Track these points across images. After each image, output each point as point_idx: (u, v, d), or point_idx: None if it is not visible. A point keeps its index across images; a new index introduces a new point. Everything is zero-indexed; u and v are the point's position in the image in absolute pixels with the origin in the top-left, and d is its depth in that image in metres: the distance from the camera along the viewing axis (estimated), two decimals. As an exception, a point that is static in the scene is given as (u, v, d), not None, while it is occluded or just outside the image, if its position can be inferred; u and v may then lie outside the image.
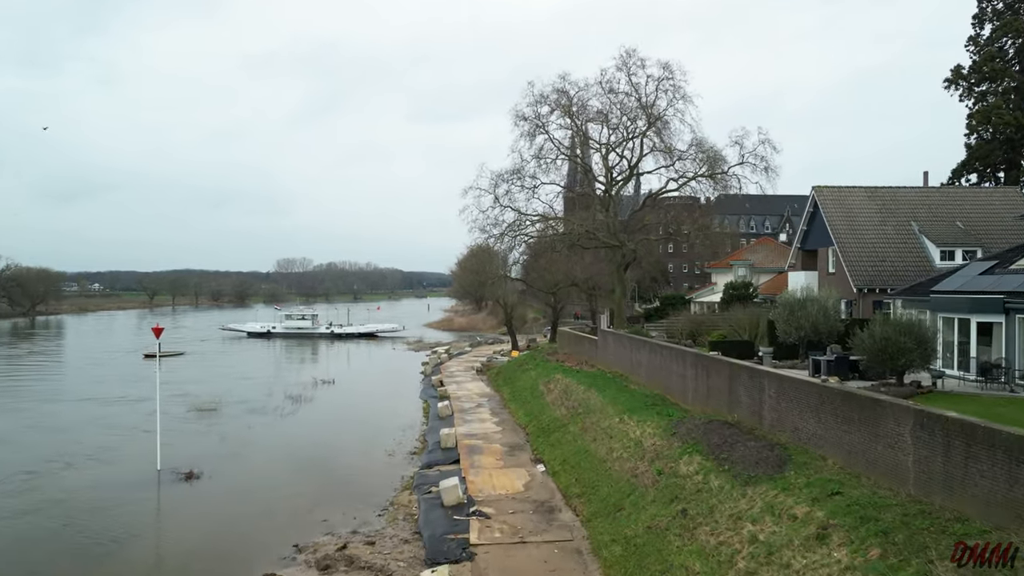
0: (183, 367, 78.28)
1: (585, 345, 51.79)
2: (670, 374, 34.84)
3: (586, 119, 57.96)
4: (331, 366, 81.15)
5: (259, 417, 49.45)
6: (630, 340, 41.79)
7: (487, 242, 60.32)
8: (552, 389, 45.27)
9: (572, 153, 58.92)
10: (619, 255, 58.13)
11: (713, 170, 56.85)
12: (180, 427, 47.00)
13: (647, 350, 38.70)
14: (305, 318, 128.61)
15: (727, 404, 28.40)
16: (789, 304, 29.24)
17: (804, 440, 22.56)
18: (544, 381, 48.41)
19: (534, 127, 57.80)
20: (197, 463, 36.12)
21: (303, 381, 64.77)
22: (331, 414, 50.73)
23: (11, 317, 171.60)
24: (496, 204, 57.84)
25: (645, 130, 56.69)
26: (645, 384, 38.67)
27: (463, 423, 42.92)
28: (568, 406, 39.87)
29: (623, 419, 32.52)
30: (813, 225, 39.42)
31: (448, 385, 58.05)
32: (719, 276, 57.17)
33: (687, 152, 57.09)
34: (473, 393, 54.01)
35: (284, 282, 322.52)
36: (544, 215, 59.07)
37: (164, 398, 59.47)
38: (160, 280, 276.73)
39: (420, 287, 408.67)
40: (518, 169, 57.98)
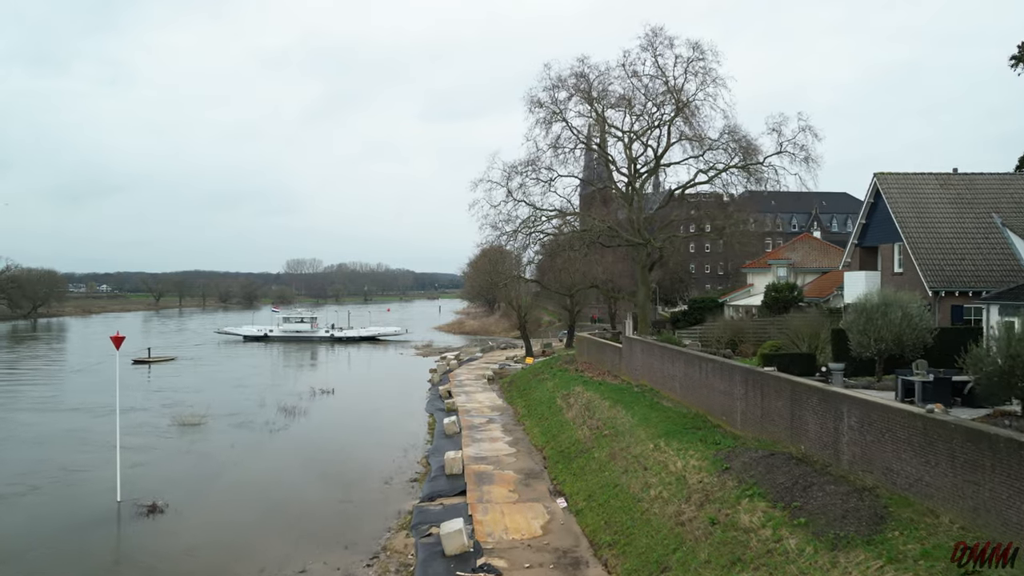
0: (173, 373, 73.92)
1: (608, 353, 46.79)
2: (712, 391, 29.81)
3: (607, 105, 53.04)
4: (331, 373, 76.32)
5: (246, 433, 44.69)
6: (661, 349, 36.77)
7: (499, 240, 55.43)
8: (572, 404, 40.27)
9: (592, 143, 53.92)
10: (643, 254, 53.12)
11: (747, 161, 51.82)
12: (158, 444, 42.76)
13: (683, 362, 33.67)
14: (303, 321, 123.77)
15: (788, 432, 23.41)
16: (866, 310, 24.11)
17: (903, 487, 17.53)
18: (562, 394, 43.43)
19: (550, 114, 52.96)
20: (166, 491, 31.56)
21: (299, 390, 60.00)
22: (326, 430, 45.89)
23: (11, 319, 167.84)
24: (509, 198, 53.00)
25: (672, 117, 51.71)
26: (680, 400, 33.69)
27: (472, 443, 37.98)
28: (591, 426, 34.85)
29: (659, 445, 27.50)
30: (874, 218, 34.35)
31: (457, 396, 53.14)
32: (756, 277, 52.09)
33: (719, 141, 52.09)
34: (484, 406, 49.07)
35: (294, 283, 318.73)
36: (561, 210, 54.13)
37: (148, 408, 55.62)
38: (166, 281, 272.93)
39: (432, 288, 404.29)
40: (533, 160, 53.11)
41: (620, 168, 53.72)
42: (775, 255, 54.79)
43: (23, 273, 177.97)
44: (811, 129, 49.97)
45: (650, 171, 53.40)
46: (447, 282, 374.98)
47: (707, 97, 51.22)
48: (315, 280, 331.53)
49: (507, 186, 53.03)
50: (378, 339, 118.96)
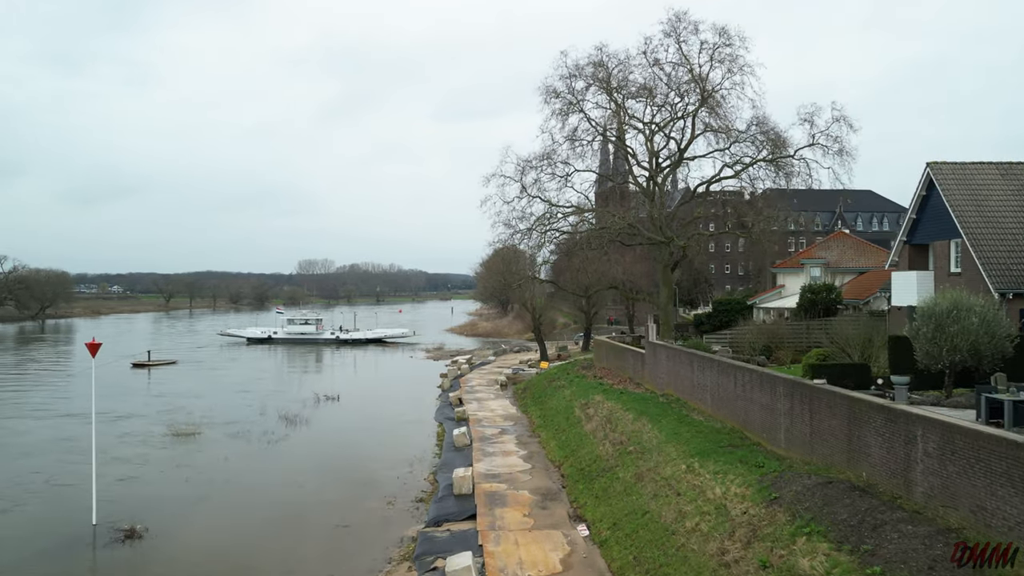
0: (173, 377, 71.35)
1: (628, 359, 43.73)
2: (751, 404, 26.73)
3: (627, 96, 49.92)
4: (336, 378, 73.48)
5: (242, 444, 41.87)
6: (690, 357, 33.69)
7: (512, 239, 52.37)
8: (592, 415, 37.22)
9: (610, 135, 50.84)
10: (665, 253, 49.97)
11: (776, 154, 48.63)
12: (148, 455, 40.16)
13: (715, 370, 30.60)
14: (308, 323, 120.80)
15: (845, 455, 20.36)
16: (934, 315, 20.92)
17: (1001, 529, 14.49)
18: (581, 403, 40.39)
19: (567, 104, 49.87)
20: (148, 512, 28.89)
21: (302, 396, 57.14)
22: (328, 441, 43.01)
23: (19, 321, 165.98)
24: (523, 194, 49.96)
25: (697, 107, 48.55)
26: (712, 414, 30.64)
27: (483, 457, 35.00)
28: (614, 440, 31.80)
29: (693, 466, 24.44)
30: (925, 213, 31.11)
31: (468, 404, 50.16)
32: (787, 277, 48.87)
33: (746, 133, 48.92)
34: (496, 415, 46.08)
35: (305, 284, 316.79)
36: (578, 207, 51.02)
37: (144, 415, 52.89)
38: (177, 282, 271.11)
39: (445, 289, 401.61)
40: (548, 153, 50.05)
41: (641, 162, 50.58)
42: (808, 254, 51.53)
43: (31, 274, 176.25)
44: (846, 119, 46.75)
45: (673, 165, 50.24)
46: (460, 283, 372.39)
47: (734, 86, 48.13)
48: (327, 281, 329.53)
49: (521, 181, 50.08)
50: (385, 341, 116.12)
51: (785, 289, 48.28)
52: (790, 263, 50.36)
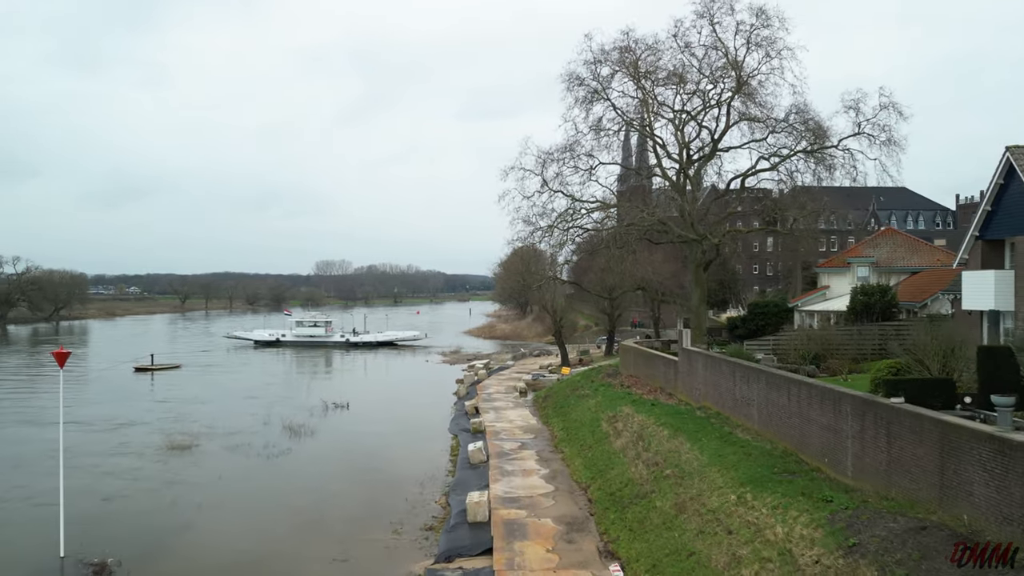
0: (176, 383, 68.53)
1: (659, 367, 40.19)
2: (808, 424, 23.18)
3: (656, 83, 46.43)
4: (346, 384, 70.12)
5: (240, 459, 38.74)
6: (731, 366, 30.13)
7: (532, 236, 48.98)
8: (620, 429, 33.73)
9: (638, 125, 47.34)
10: (698, 251, 46.46)
11: (818, 144, 45.02)
12: (138, 472, 37.33)
13: (763, 383, 27.03)
14: (318, 325, 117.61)
15: (937, 492, 16.84)
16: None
17: None
18: (608, 416, 36.90)
19: (591, 92, 46.50)
20: (124, 543, 25.84)
21: (310, 404, 53.91)
22: (333, 456, 39.70)
23: (32, 322, 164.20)
24: (544, 188, 46.66)
25: (732, 94, 45.01)
26: (759, 431, 27.06)
27: (501, 476, 31.60)
28: (648, 460, 28.30)
29: (745, 497, 20.95)
30: (1003, 204, 27.37)
31: (484, 413, 46.78)
32: (832, 277, 45.15)
33: (785, 122, 45.34)
34: (515, 426, 42.68)
35: (323, 285, 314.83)
36: (604, 202, 47.56)
37: (141, 424, 49.77)
38: (193, 283, 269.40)
39: (463, 290, 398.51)
40: (571, 145, 46.76)
41: (671, 154, 47.07)
42: (855, 252, 47.70)
43: (44, 275, 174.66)
44: (895, 106, 43.23)
45: (706, 157, 46.71)
46: (478, 284, 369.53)
47: (772, 71, 44.66)
48: (344, 282, 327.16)
49: (542, 175, 46.78)
50: (396, 344, 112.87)
51: (830, 291, 44.60)
52: (835, 262, 46.58)
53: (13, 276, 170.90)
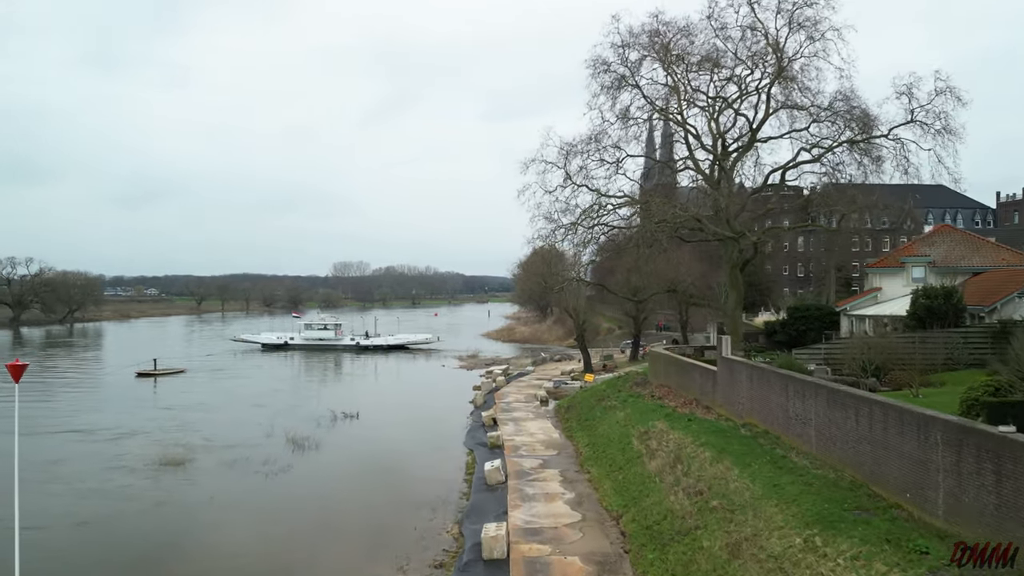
0: (179, 389, 65.76)
1: (695, 377, 36.63)
2: (884, 452, 19.61)
3: (689, 67, 42.89)
4: (356, 391, 67.00)
5: (236, 477, 35.58)
6: (783, 379, 26.55)
7: (554, 235, 45.48)
8: (654, 449, 30.20)
9: (668, 114, 43.78)
10: (734, 250, 42.84)
11: (865, 134, 41.31)
12: (131, 488, 34.99)
13: (822, 400, 23.45)
14: (327, 328, 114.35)
15: (1073, 546, 13.30)
16: None
17: None
18: (639, 431, 33.38)
19: (618, 78, 43.00)
20: None
21: (317, 414, 50.72)
22: (338, 474, 36.42)
23: (45, 324, 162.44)
24: (567, 182, 43.19)
25: (773, 79, 41.36)
26: (817, 456, 23.48)
27: (521, 502, 28.17)
28: (689, 487, 24.75)
29: (813, 542, 17.44)
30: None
31: (503, 425, 43.38)
32: (884, 279, 41.32)
33: (830, 110, 41.65)
34: (536, 441, 39.23)
35: (340, 287, 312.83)
36: (632, 196, 44.03)
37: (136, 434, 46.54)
38: (210, 285, 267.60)
39: (482, 292, 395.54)
40: (596, 135, 43.32)
41: (705, 145, 43.45)
42: (909, 251, 43.75)
43: (57, 276, 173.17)
44: (952, 91, 39.38)
45: (743, 148, 43.08)
46: (497, 285, 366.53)
47: (816, 54, 40.95)
48: (362, 283, 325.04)
49: (565, 168, 43.33)
50: (408, 348, 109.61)
51: (882, 293, 40.89)
52: (887, 262, 42.72)
53: (26, 278, 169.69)
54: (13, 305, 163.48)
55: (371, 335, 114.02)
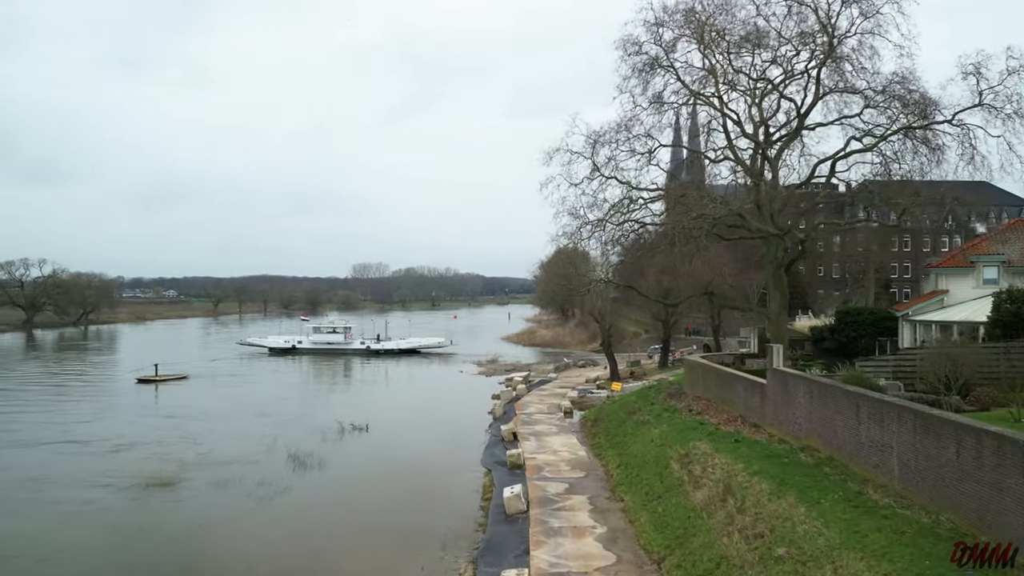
0: (180, 396, 62.56)
1: (738, 390, 32.66)
2: (999, 493, 15.73)
3: (731, 46, 38.95)
4: (366, 399, 63.34)
5: (228, 500, 32.11)
6: (853, 398, 22.57)
7: (579, 232, 41.58)
8: (698, 476, 26.25)
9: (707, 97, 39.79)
10: (778, 249, 38.85)
11: (924, 121, 37.17)
12: (113, 511, 31.36)
13: (908, 425, 19.51)
14: (336, 331, 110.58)
15: None
16: None
17: None
18: (678, 452, 29.45)
19: (651, 60, 39.15)
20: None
21: (324, 425, 47.10)
22: (340, 498, 32.66)
23: (59, 327, 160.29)
24: (595, 174, 39.35)
25: (823, 59, 37.31)
26: (902, 492, 19.60)
27: (545, 537, 24.32)
28: (746, 528, 20.79)
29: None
30: None
31: (524, 441, 39.56)
32: (951, 280, 37.03)
33: (886, 93, 37.56)
34: (561, 459, 35.36)
35: (359, 288, 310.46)
36: (666, 189, 40.13)
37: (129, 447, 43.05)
38: (228, 287, 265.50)
39: (502, 294, 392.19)
40: (626, 123, 39.42)
41: (747, 132, 39.46)
42: (979, 249, 39.21)
43: (71, 278, 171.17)
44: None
45: (790, 135, 39.04)
46: (518, 287, 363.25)
47: (873, 30, 36.87)
48: (381, 285, 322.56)
49: (592, 158, 39.49)
50: (420, 352, 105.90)
51: (949, 296, 36.73)
52: (953, 261, 38.36)
53: (39, 279, 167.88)
54: (26, 307, 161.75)
55: (382, 339, 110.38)
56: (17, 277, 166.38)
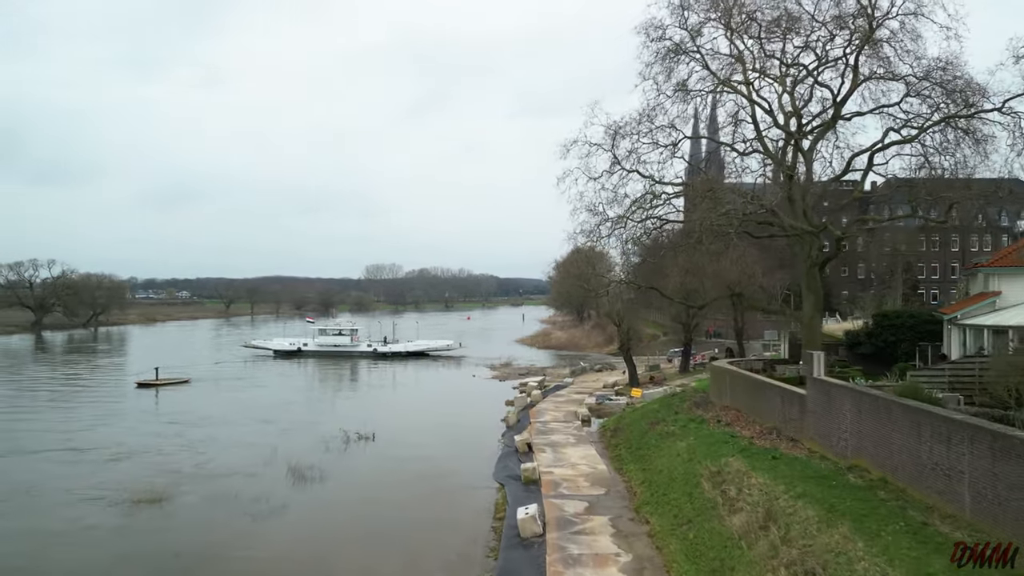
0: (181, 401, 60.44)
1: (774, 400, 30.05)
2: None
3: (760, 32, 36.33)
4: (373, 404, 61.01)
5: (219, 519, 29.83)
6: (914, 414, 19.97)
7: (598, 230, 38.94)
8: (734, 497, 23.65)
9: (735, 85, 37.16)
10: (813, 247, 36.18)
11: (971, 108, 34.38)
12: (97, 529, 29.24)
13: (984, 448, 16.94)
14: (342, 333, 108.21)
15: None
16: None
17: None
18: (709, 470, 26.86)
19: (675, 47, 36.60)
20: None
21: (329, 434, 44.75)
22: (340, 516, 30.27)
23: (68, 328, 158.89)
24: (616, 167, 36.80)
25: (862, 43, 34.60)
26: (973, 521, 17.18)
27: (563, 567, 21.83)
28: (794, 563, 18.18)
29: None
30: None
31: (539, 453, 37.05)
32: (1005, 281, 34.18)
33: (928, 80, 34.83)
34: (579, 474, 32.82)
35: (372, 289, 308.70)
36: (692, 183, 37.51)
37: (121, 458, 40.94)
38: (240, 288, 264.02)
39: (516, 295, 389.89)
40: (649, 113, 36.84)
41: (778, 122, 36.79)
42: (1030, 246, 36.77)
43: (81, 279, 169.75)
44: (1086, 54, 32.30)
45: (825, 126, 36.35)
46: (532, 287, 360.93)
47: (916, 11, 34.12)
48: (394, 286, 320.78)
49: (612, 151, 36.93)
50: (428, 355, 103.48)
51: (1002, 298, 33.92)
52: (1008, 260, 35.46)
53: (48, 280, 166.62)
54: (35, 309, 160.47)
55: (389, 341, 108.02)
56: (26, 278, 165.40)
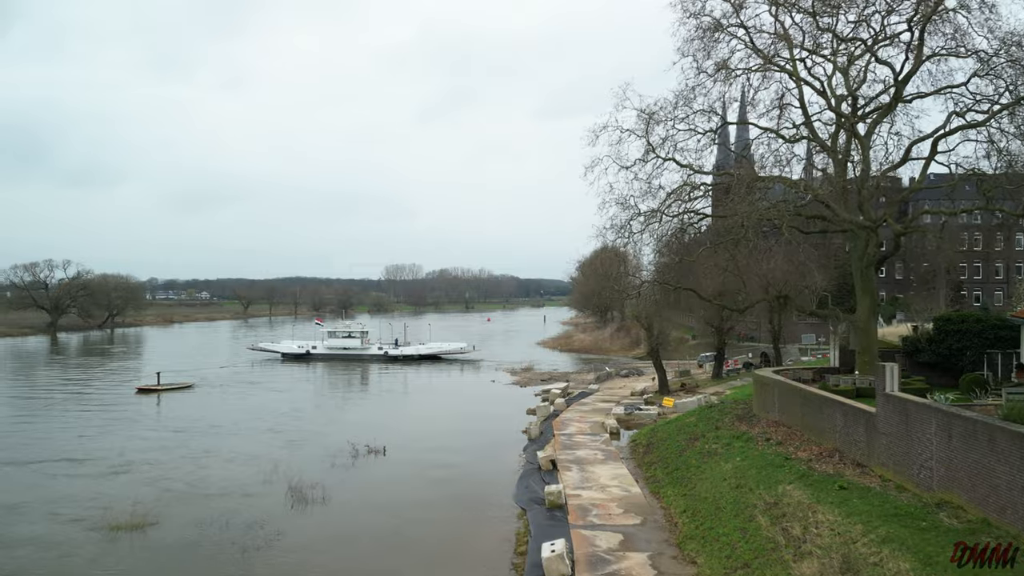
0: (182, 407, 57.61)
1: (835, 418, 26.32)
2: None
3: (812, 5, 32.68)
4: (383, 412, 57.92)
5: (206, 551, 26.37)
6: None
7: (629, 225, 35.30)
8: (799, 538, 20.00)
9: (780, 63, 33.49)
10: (869, 243, 32.43)
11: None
12: (70, 561, 25.94)
13: None
14: (352, 336, 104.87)
15: None
16: None
17: None
18: (764, 500, 23.22)
19: (714, 23, 33.02)
20: None
21: (336, 446, 41.46)
22: (337, 547, 26.72)
23: (85, 330, 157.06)
24: (651, 155, 33.23)
25: (929, 14, 30.80)
26: None
27: (598, 622, 18.28)
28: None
29: None
30: None
31: (565, 471, 33.49)
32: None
33: (1003, 58, 31.06)
34: (611, 499, 29.20)
35: (392, 290, 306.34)
36: (734, 173, 33.80)
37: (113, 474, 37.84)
38: (259, 288, 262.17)
39: (537, 296, 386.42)
40: (686, 95, 33.23)
41: (832, 105, 33.04)
42: None
43: (96, 280, 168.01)
44: None
45: (885, 107, 32.57)
46: (553, 288, 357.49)
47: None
48: (414, 287, 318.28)
49: (646, 137, 33.34)
50: (441, 358, 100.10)
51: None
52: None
53: (63, 281, 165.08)
54: (50, 310, 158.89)
55: (400, 344, 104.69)
56: (42, 279, 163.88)
